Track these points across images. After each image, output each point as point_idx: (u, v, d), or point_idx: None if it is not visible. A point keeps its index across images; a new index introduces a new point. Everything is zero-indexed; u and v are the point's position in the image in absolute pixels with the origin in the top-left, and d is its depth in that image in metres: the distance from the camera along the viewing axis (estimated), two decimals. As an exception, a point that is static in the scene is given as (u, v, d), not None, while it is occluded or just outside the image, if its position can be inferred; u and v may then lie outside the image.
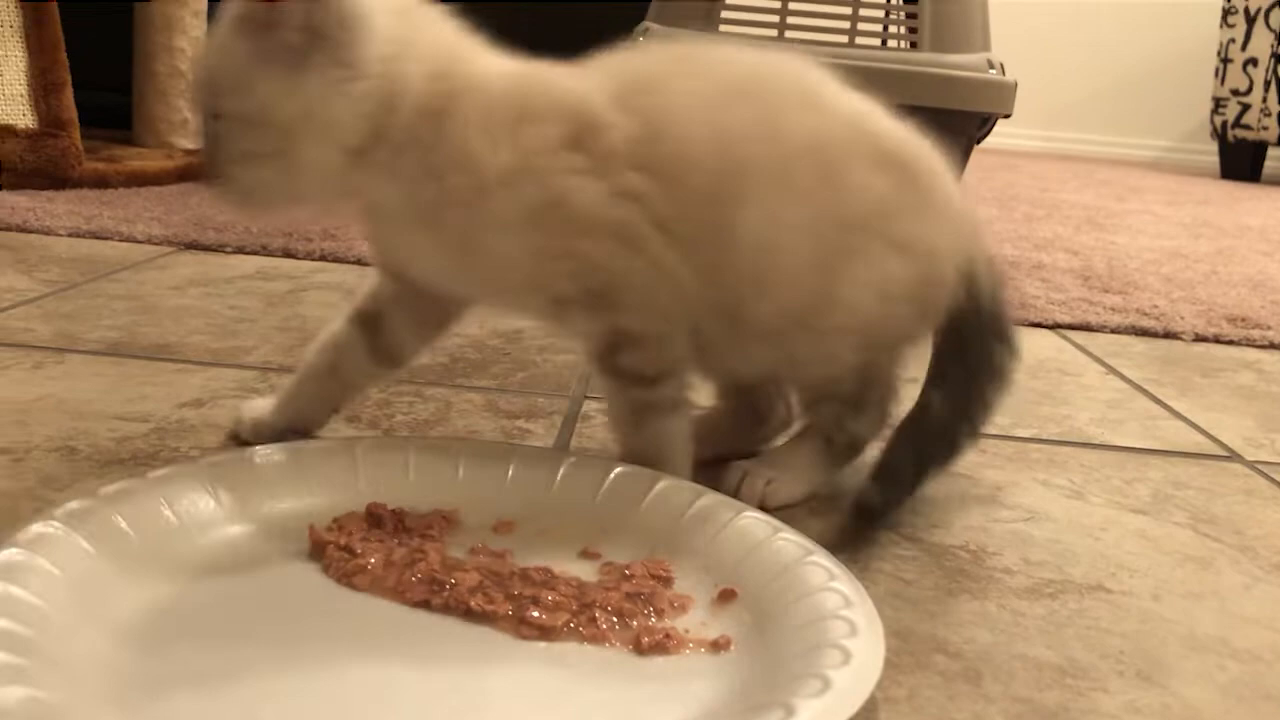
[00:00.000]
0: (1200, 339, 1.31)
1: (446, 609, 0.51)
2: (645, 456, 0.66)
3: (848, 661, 0.45)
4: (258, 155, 0.61)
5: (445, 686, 0.46)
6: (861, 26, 1.46)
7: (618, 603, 0.52)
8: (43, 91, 1.56)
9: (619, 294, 0.64)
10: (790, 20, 1.44)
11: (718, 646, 0.50)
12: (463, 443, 0.67)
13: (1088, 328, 1.32)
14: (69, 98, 1.60)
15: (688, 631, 0.51)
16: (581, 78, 0.66)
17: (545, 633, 0.50)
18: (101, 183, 1.60)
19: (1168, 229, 2.25)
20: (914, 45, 1.46)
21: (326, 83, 0.59)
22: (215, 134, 0.62)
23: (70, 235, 1.32)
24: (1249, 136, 3.74)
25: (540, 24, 1.84)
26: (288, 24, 0.59)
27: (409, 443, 0.65)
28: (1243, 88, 3.73)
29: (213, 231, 1.37)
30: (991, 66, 1.42)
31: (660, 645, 0.49)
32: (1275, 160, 4.01)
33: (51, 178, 1.54)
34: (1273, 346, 1.30)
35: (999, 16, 1.57)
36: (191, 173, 1.71)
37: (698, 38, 1.43)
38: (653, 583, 0.54)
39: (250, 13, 0.59)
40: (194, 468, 0.59)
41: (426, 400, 0.84)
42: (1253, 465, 0.85)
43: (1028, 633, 0.56)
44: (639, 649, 0.49)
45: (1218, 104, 3.87)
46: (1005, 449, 0.84)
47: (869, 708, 0.45)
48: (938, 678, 0.51)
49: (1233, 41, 3.78)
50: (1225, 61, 3.82)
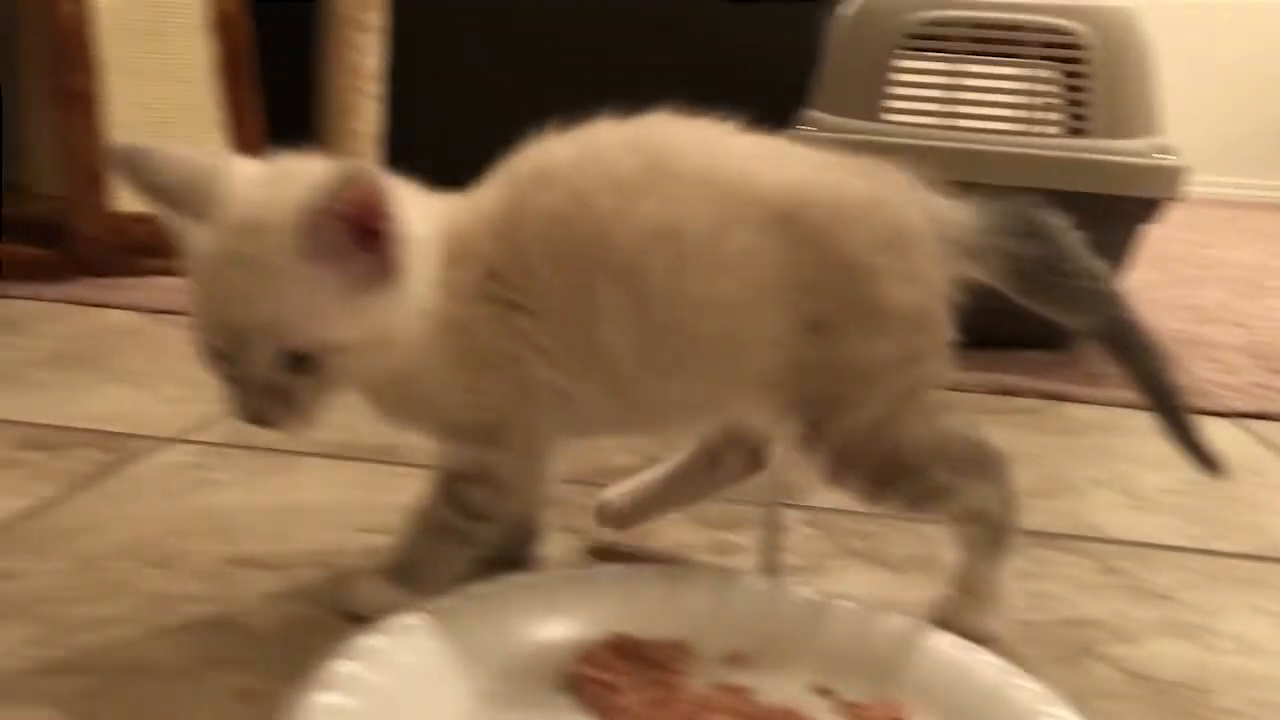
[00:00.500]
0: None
1: (707, 751, 0.55)
2: (414, 567, 0.67)
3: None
4: (335, 385, 0.61)
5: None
6: (1033, 115, 1.47)
7: (864, 748, 0.55)
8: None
9: (502, 434, 0.66)
10: (958, 109, 1.46)
11: (964, 798, 0.53)
12: (686, 569, 0.71)
13: (1267, 416, 1.30)
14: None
15: (933, 780, 0.54)
16: (472, 207, 0.66)
17: (803, 779, 0.53)
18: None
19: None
20: (1079, 132, 1.46)
21: (397, 302, 0.60)
22: (282, 380, 0.59)
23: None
24: None
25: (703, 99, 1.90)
26: (368, 249, 0.58)
27: (640, 570, 0.69)
28: None
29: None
30: (1161, 152, 1.41)
31: (911, 796, 0.52)
32: None
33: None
34: None
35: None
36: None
37: (861, 127, 1.46)
38: (893, 726, 0.57)
39: (319, 241, 0.57)
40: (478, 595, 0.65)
41: (633, 509, 0.88)
42: None
43: (1261, 785, 0.57)
44: (891, 798, 0.52)
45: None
46: (1205, 565, 0.85)
47: None
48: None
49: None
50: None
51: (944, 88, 1.47)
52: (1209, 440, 0.68)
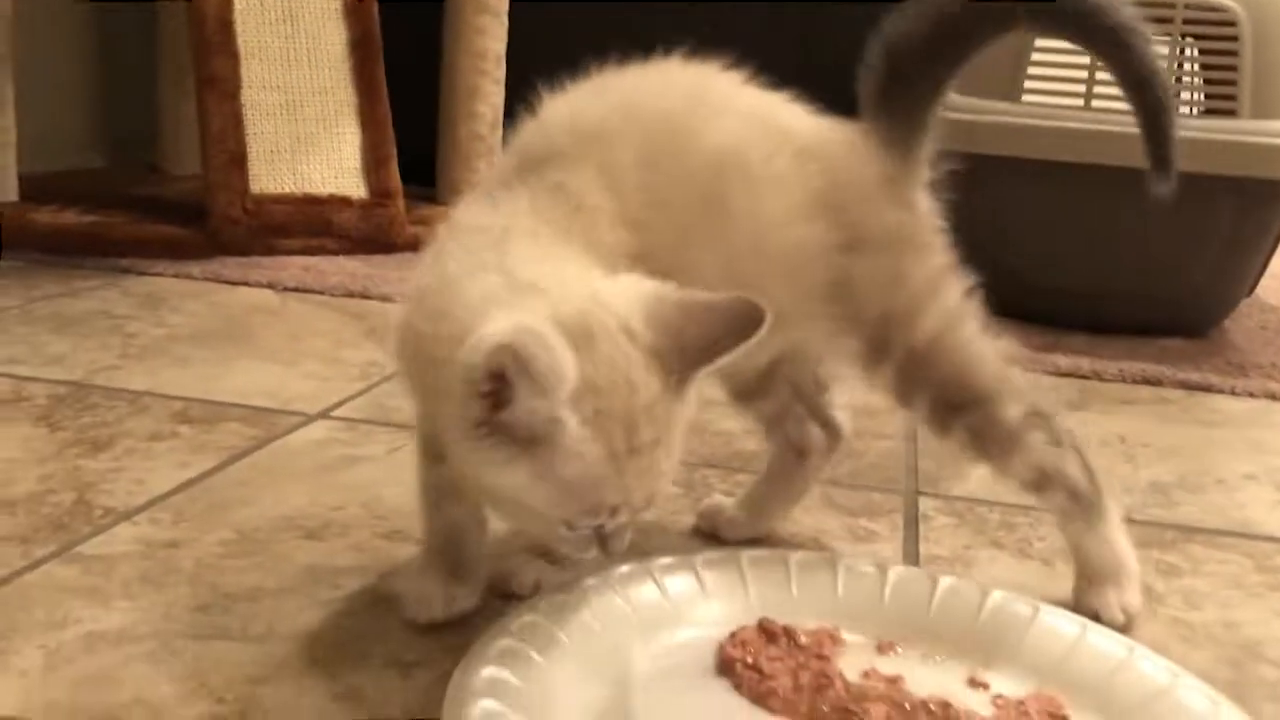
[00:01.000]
0: None
1: (861, 740, 0.55)
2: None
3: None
4: None
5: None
6: (1178, 95, 1.42)
7: (1026, 744, 0.54)
8: (374, 165, 1.71)
9: None
10: (1097, 89, 1.42)
11: (1132, 798, 0.51)
12: (837, 557, 0.70)
13: None
14: (395, 169, 1.74)
15: (1098, 779, 0.53)
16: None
17: (963, 772, 0.52)
18: (422, 246, 1.73)
19: None
20: (1226, 112, 1.40)
21: None
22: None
23: (404, 302, 1.44)
24: None
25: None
26: None
27: (789, 556, 0.69)
28: None
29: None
30: (1318, 132, 1.35)
31: (1077, 794, 0.51)
32: None
33: (380, 244, 1.69)
34: None
35: None
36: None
37: (998, 108, 1.43)
38: (1053, 722, 0.56)
39: None
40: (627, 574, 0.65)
41: (769, 493, 0.88)
42: None
43: None
44: (1054, 795, 0.51)
45: None
46: (1370, 567, 0.81)
47: None
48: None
49: None
50: None
51: (1084, 67, 1.43)
52: (1175, 152, 0.69)
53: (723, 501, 0.82)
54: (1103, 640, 0.61)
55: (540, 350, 0.49)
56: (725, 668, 0.60)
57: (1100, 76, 1.42)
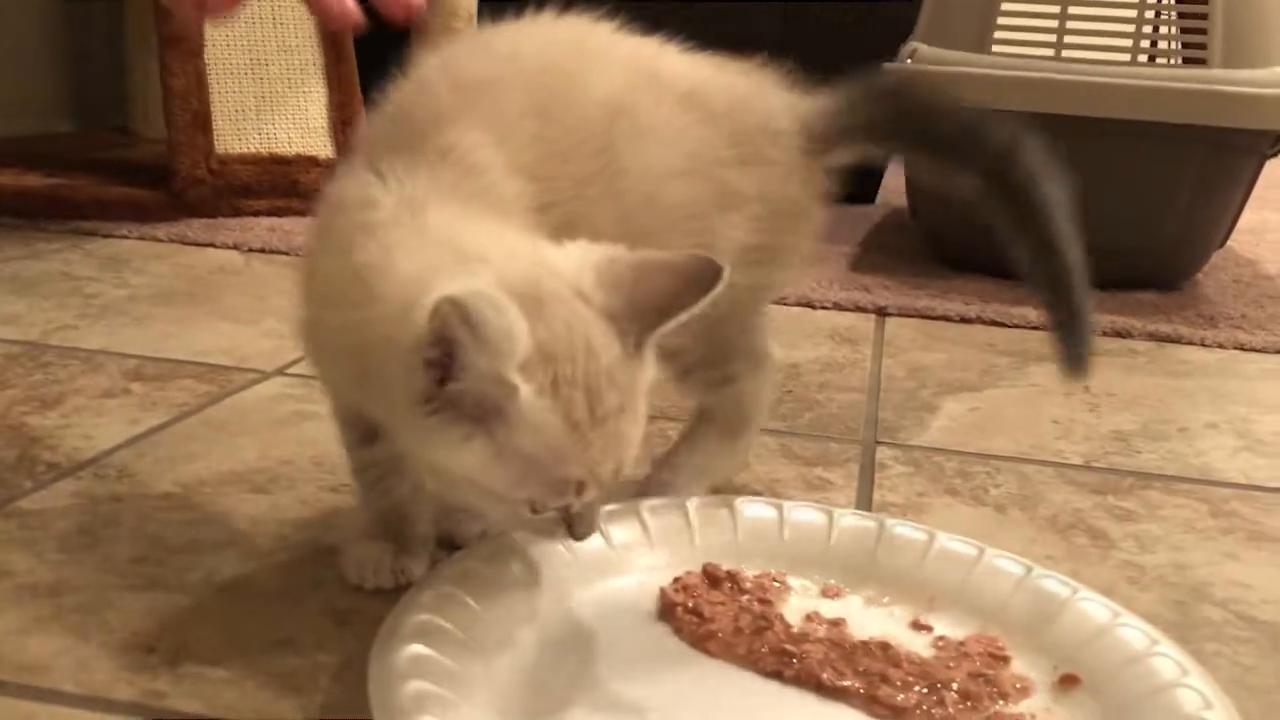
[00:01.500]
0: None
1: (798, 681, 0.54)
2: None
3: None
4: None
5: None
6: (1144, 44, 1.41)
7: (963, 683, 0.54)
8: (341, 124, 1.69)
9: None
10: (1067, 39, 1.40)
11: (1067, 735, 0.51)
12: (782, 503, 0.70)
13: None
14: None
15: (1034, 717, 0.52)
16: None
17: (897, 713, 0.52)
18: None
19: None
20: (1196, 61, 1.39)
21: None
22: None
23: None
24: None
25: (804, 38, 1.86)
26: None
27: (733, 501, 0.69)
28: None
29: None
30: (1287, 81, 1.34)
31: (1011, 732, 0.51)
32: None
33: (347, 204, 1.67)
34: None
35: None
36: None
37: (968, 59, 1.41)
38: (992, 662, 0.56)
39: None
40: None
41: (726, 444, 0.87)
42: None
43: (1386, 733, 0.54)
44: (989, 734, 0.51)
45: None
46: (1326, 511, 0.81)
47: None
48: (1296, 780, 0.50)
49: None
50: None
51: (1054, 16, 1.41)
52: (1091, 340, 0.69)
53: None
54: (1047, 582, 0.61)
55: (489, 311, 0.46)
56: (666, 612, 0.60)
57: (1070, 26, 1.41)
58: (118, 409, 0.89)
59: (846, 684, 0.53)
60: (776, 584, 0.63)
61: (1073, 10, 1.41)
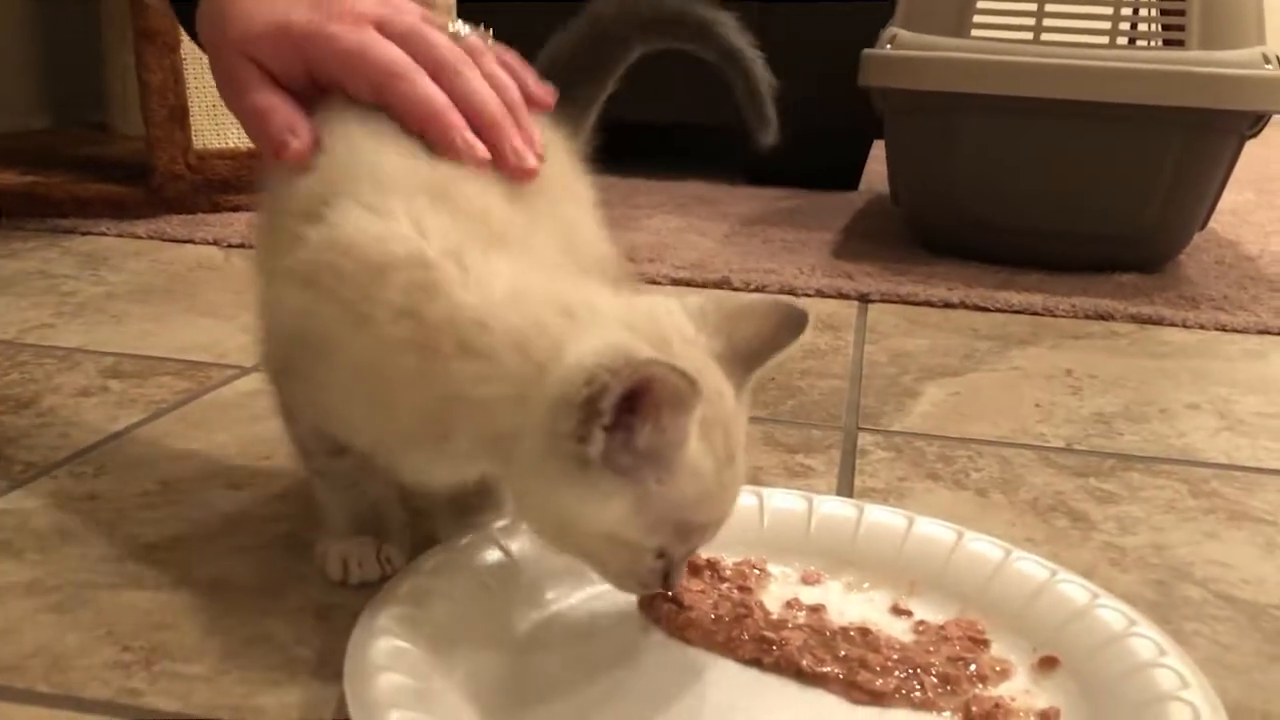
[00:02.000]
0: None
1: (777, 668, 0.54)
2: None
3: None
4: None
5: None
6: (1123, 26, 1.41)
7: (942, 667, 0.54)
8: (319, 118, 1.68)
9: None
10: (1046, 22, 1.40)
11: (1047, 717, 0.51)
12: (762, 491, 0.70)
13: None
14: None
15: (1014, 700, 0.52)
16: None
17: (876, 698, 0.52)
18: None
19: None
20: (1176, 43, 1.39)
21: None
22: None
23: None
24: None
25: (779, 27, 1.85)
26: None
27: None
28: None
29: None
30: (1267, 62, 1.34)
31: (990, 715, 0.51)
32: None
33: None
34: None
35: None
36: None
37: (948, 44, 1.41)
38: (972, 646, 0.56)
39: None
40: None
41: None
42: None
43: (1364, 709, 0.54)
44: (969, 717, 0.51)
45: None
46: (1306, 489, 0.81)
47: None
48: (1275, 758, 0.50)
49: None
50: None
51: (1033, 0, 1.41)
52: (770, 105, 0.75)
53: None
54: (1026, 564, 0.61)
55: (664, 366, 0.45)
56: (645, 602, 0.59)
57: (1049, 10, 1.40)
58: (95, 407, 0.88)
59: (826, 670, 0.53)
60: (756, 571, 0.63)
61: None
